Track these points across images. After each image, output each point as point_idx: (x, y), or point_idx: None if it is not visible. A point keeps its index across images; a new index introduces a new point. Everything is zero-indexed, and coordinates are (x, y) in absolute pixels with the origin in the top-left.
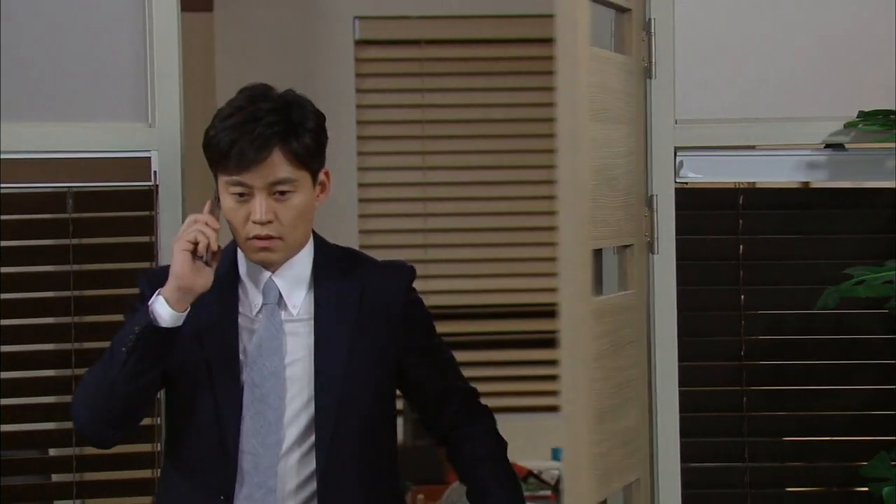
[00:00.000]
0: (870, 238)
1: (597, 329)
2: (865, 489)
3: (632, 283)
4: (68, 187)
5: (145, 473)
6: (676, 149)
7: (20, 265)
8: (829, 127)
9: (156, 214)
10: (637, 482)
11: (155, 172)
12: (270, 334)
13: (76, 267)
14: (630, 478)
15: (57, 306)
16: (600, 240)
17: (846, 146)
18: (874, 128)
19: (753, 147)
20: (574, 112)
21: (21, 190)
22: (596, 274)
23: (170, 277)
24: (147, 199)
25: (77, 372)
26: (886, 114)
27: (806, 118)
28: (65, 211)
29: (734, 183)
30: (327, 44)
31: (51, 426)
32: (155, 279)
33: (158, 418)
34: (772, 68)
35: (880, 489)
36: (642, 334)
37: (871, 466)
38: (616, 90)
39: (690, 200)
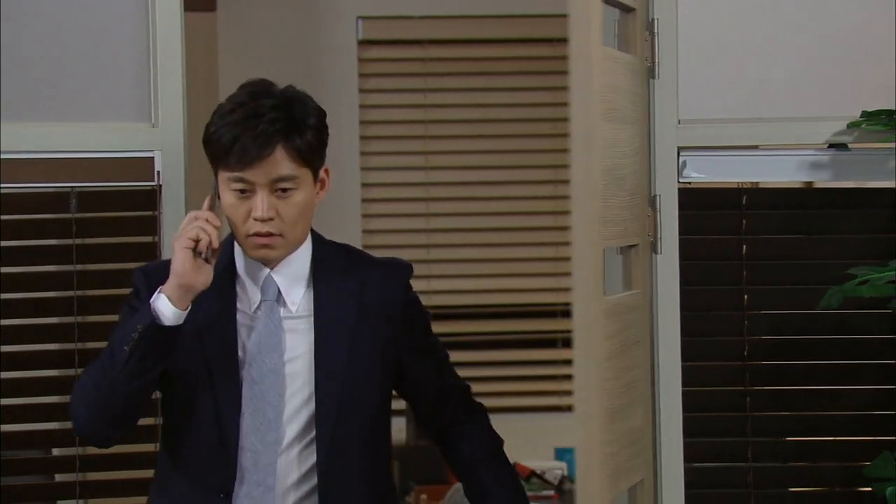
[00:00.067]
0: (873, 238)
1: (608, 329)
2: (869, 489)
3: (636, 283)
4: (72, 187)
5: (148, 473)
6: (679, 149)
7: (24, 265)
8: (833, 127)
9: (159, 214)
10: (641, 482)
11: (158, 172)
12: (269, 331)
13: (79, 267)
14: (636, 478)
15: (60, 306)
16: (610, 239)
17: (849, 146)
18: (877, 128)
19: (757, 147)
20: (587, 112)
21: (24, 190)
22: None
23: (171, 275)
24: (150, 199)
25: (80, 372)
26: (890, 114)
27: (809, 118)
28: (68, 211)
29: (737, 183)
30: (330, 44)
31: (54, 426)
32: (150, 276)
33: (161, 418)
34: (775, 68)
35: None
36: (646, 334)
37: (875, 466)
38: (624, 90)
39: (694, 200)
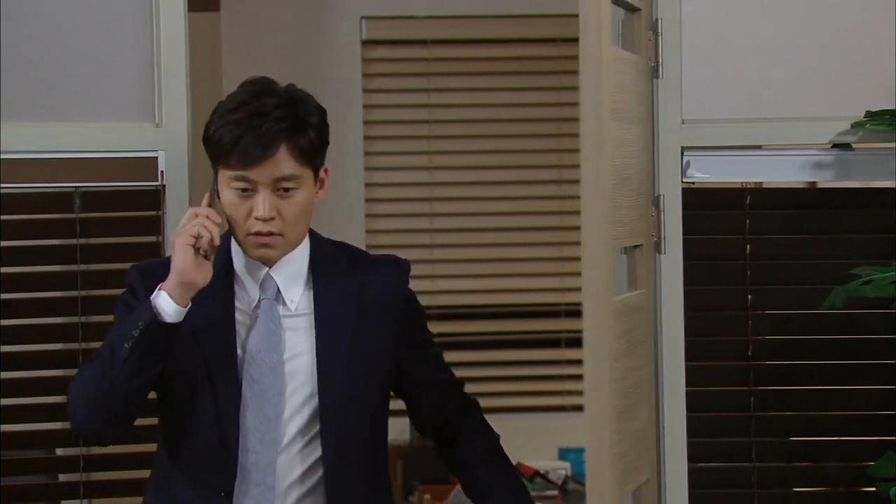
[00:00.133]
0: (877, 238)
1: (616, 329)
2: (873, 489)
3: (641, 283)
4: (75, 187)
5: None
6: (683, 148)
7: (27, 265)
8: (836, 127)
9: (163, 214)
10: (647, 482)
11: (162, 172)
12: (269, 330)
13: (83, 267)
14: (642, 478)
15: (64, 306)
16: (619, 239)
17: (853, 146)
18: (881, 128)
19: (760, 147)
20: (598, 112)
21: (28, 190)
22: None
23: (172, 272)
24: (154, 199)
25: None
26: (894, 114)
27: (813, 118)
28: (72, 211)
29: (741, 183)
30: (334, 44)
31: (57, 426)
32: (146, 274)
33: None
34: (779, 68)
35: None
36: (651, 334)
37: (879, 466)
38: (631, 90)
39: (697, 200)
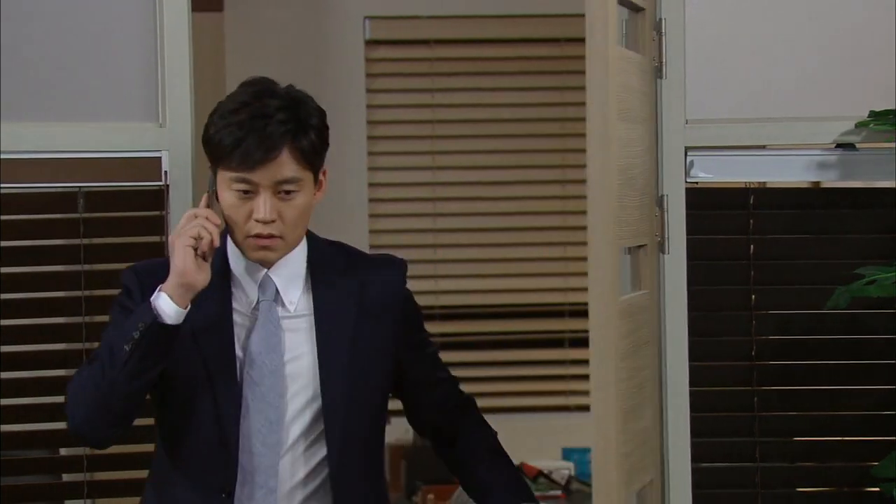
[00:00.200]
0: (881, 238)
1: (622, 328)
2: (876, 489)
3: (645, 284)
4: (79, 187)
5: None
6: (687, 148)
7: (31, 265)
8: (840, 127)
9: (166, 214)
10: (651, 483)
11: (165, 172)
12: (269, 331)
13: (87, 267)
14: (646, 478)
15: (68, 306)
16: (624, 239)
17: (857, 146)
18: (885, 127)
19: (764, 147)
20: (604, 112)
21: (32, 190)
22: None
23: (172, 274)
24: (158, 199)
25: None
26: None
27: (816, 118)
28: (76, 211)
29: (745, 183)
30: (337, 44)
31: (61, 426)
32: (142, 275)
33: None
34: (782, 68)
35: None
36: (655, 334)
37: (882, 466)
38: (635, 90)
39: (701, 200)
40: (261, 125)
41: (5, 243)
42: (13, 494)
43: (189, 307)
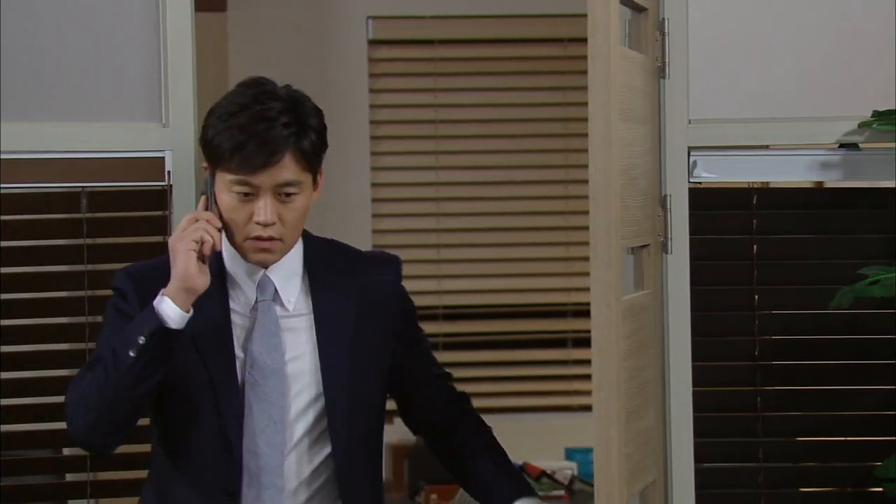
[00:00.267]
0: (884, 238)
1: (624, 329)
2: (880, 489)
3: (647, 284)
4: (82, 187)
5: None
6: (690, 148)
7: (34, 265)
8: (843, 127)
9: (169, 214)
10: (654, 483)
11: (169, 172)
12: (269, 331)
13: (90, 267)
14: (649, 478)
15: (71, 306)
16: (626, 239)
17: (860, 146)
18: (888, 127)
19: (767, 147)
20: (606, 112)
21: (35, 190)
22: None
23: (174, 278)
24: (161, 199)
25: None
26: None
27: (820, 118)
28: (79, 211)
29: (748, 183)
30: (340, 43)
31: (64, 426)
32: (137, 278)
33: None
34: (785, 68)
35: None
36: (657, 334)
37: (886, 467)
38: (638, 90)
39: (704, 200)
40: (263, 128)
41: (9, 243)
42: (16, 494)
43: (192, 311)
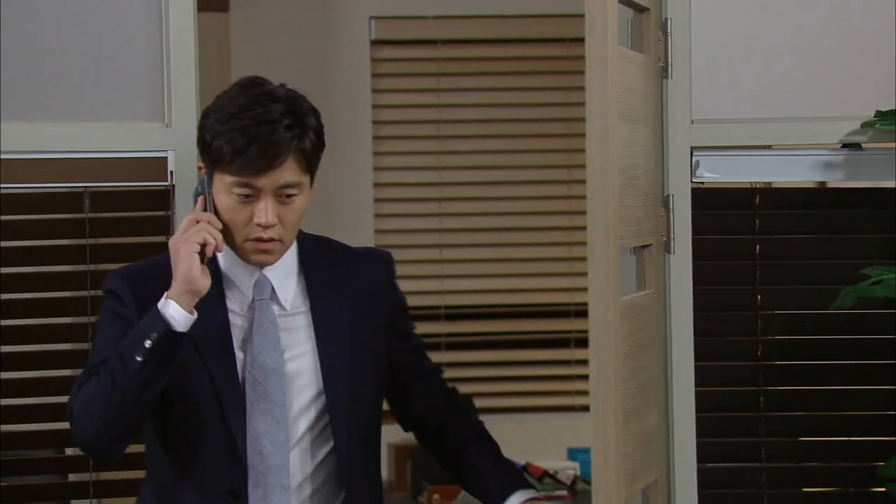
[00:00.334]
0: (887, 238)
1: (623, 329)
2: (882, 490)
3: (649, 283)
4: (85, 187)
5: None
6: (693, 148)
7: (37, 265)
8: (846, 127)
9: (172, 214)
10: (655, 482)
11: (171, 172)
12: (268, 331)
13: (93, 267)
14: (650, 478)
15: (74, 306)
16: (626, 239)
17: (863, 146)
18: (891, 127)
19: (770, 147)
20: (604, 112)
21: (37, 190)
22: None
23: (178, 280)
24: (163, 199)
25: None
26: None
27: (822, 118)
28: (81, 211)
29: (750, 183)
30: (343, 44)
31: (67, 426)
32: (132, 280)
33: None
34: (788, 68)
35: None
36: (660, 334)
37: (888, 467)
38: (639, 90)
39: (707, 200)
40: (266, 131)
41: (12, 243)
42: (19, 494)
43: (196, 313)
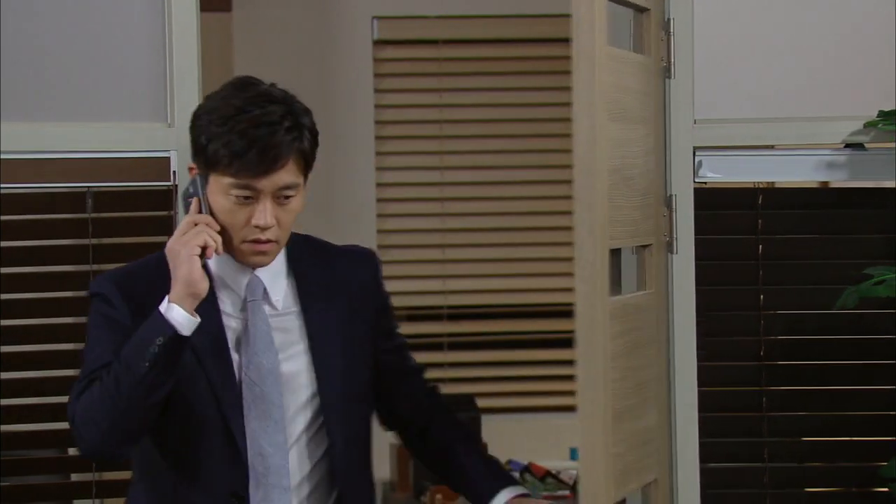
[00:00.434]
0: (889, 238)
1: (613, 329)
2: (885, 489)
3: (651, 283)
4: (88, 187)
5: None
6: (695, 148)
7: (39, 265)
8: (849, 126)
9: (175, 214)
10: (655, 482)
11: (174, 172)
12: (262, 331)
13: (95, 267)
14: (648, 478)
15: (76, 306)
16: (618, 240)
17: (866, 146)
18: (893, 127)
19: (772, 147)
20: (591, 112)
21: (40, 190)
22: (614, 274)
23: (179, 284)
24: (166, 199)
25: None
26: None
27: (825, 118)
28: (84, 211)
29: (753, 183)
30: (345, 44)
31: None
32: (122, 284)
33: None
34: (791, 68)
35: None
36: (661, 334)
37: (891, 467)
38: (633, 90)
39: (709, 200)
40: (265, 133)
41: (15, 243)
42: (22, 494)
43: (198, 316)
